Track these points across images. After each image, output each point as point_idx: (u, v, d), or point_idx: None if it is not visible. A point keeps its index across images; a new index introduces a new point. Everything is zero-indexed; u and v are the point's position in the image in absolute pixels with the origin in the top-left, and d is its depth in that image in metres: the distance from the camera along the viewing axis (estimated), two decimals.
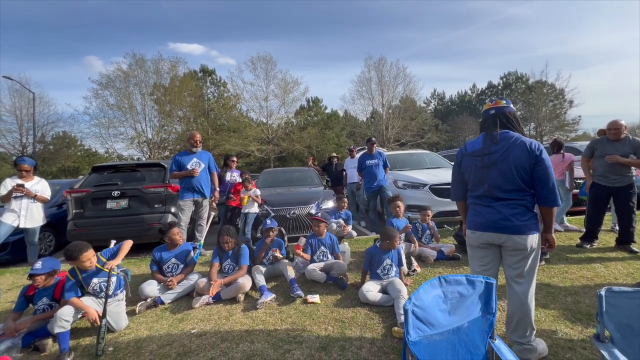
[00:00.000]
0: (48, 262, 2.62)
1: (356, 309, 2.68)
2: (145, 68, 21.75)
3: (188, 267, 3.26)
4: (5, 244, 4.63)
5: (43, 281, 2.57)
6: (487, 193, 1.85)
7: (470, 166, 1.93)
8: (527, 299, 1.83)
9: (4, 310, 3.01)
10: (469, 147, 1.97)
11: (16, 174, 4.27)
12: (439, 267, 3.51)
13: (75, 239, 4.57)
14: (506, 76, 37.16)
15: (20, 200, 4.12)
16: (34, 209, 4.24)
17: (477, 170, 1.88)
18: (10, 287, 3.59)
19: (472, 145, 1.96)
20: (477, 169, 1.89)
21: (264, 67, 24.71)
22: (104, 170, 5.08)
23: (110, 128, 20.84)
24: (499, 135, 1.85)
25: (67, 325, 2.27)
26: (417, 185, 5.43)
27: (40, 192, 4.28)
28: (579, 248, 3.87)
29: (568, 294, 2.74)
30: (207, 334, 2.41)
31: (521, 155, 1.76)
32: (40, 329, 2.45)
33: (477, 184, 1.89)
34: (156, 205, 4.76)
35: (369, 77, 27.00)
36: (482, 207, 1.89)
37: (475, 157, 1.91)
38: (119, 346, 2.33)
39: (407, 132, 26.08)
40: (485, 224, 1.86)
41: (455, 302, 1.26)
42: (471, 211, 1.98)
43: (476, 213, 1.93)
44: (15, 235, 4.54)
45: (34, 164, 4.38)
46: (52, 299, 2.60)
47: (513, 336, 1.89)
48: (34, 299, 2.59)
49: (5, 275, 4.05)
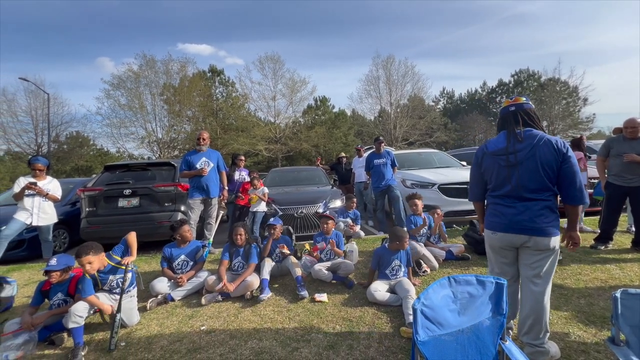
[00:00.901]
0: (63, 258, 2.69)
1: (364, 308, 2.67)
2: (155, 68, 22.13)
3: (197, 265, 3.31)
4: (21, 241, 4.78)
5: (58, 277, 2.64)
6: (511, 192, 1.81)
7: (493, 165, 1.88)
8: (543, 300, 1.80)
9: (21, 304, 3.11)
10: (490, 146, 1.92)
11: (30, 173, 4.39)
12: (447, 268, 3.48)
13: (89, 236, 4.74)
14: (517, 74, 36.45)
15: (32, 198, 4.23)
16: (46, 207, 4.35)
17: (501, 169, 1.84)
18: (27, 283, 3.70)
19: (494, 144, 1.90)
20: (500, 167, 1.84)
21: (272, 67, 24.85)
22: (116, 169, 5.18)
23: (122, 128, 21.29)
24: (523, 133, 1.81)
25: (80, 320, 2.33)
26: (426, 184, 5.38)
27: (52, 192, 4.39)
28: (593, 249, 3.78)
29: (581, 295, 2.68)
30: (216, 331, 2.44)
31: (548, 153, 1.72)
32: (55, 323, 2.52)
33: (501, 183, 1.85)
34: (166, 204, 4.83)
35: (377, 76, 26.87)
36: (504, 207, 1.85)
37: (498, 156, 1.85)
38: (131, 341, 2.38)
39: (416, 131, 25.86)
40: (507, 225, 1.82)
41: (465, 303, 1.25)
42: (491, 211, 1.94)
43: (497, 213, 1.88)
44: (31, 232, 4.68)
45: (47, 164, 4.50)
46: (67, 294, 2.66)
47: (525, 338, 1.86)
48: (50, 294, 2.66)
49: (22, 271, 4.17)
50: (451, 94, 44.13)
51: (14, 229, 4.14)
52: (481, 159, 1.99)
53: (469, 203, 5.13)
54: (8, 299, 2.95)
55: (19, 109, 21.69)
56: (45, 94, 20.07)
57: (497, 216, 1.88)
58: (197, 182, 4.36)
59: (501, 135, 1.91)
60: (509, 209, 1.82)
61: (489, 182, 1.95)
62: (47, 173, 4.52)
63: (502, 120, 1.95)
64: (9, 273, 3.97)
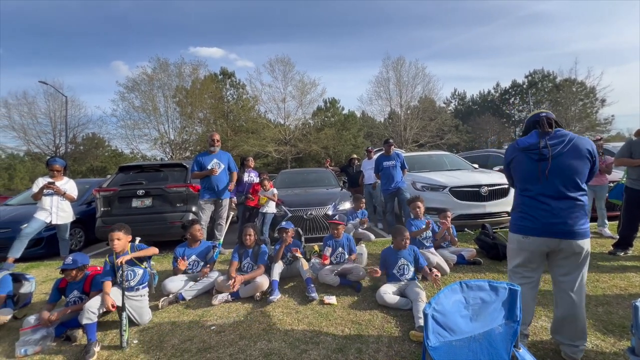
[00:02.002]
0: (78, 257, 2.76)
1: (373, 311, 2.65)
2: (168, 71, 22.62)
3: (208, 265, 3.36)
4: (39, 239, 4.93)
5: (74, 275, 2.72)
6: (544, 190, 1.77)
7: (524, 160, 1.84)
8: (581, 302, 1.81)
9: (39, 300, 3.20)
10: (521, 143, 1.88)
11: (48, 173, 4.54)
12: (459, 272, 3.42)
13: (104, 235, 4.86)
14: (531, 74, 35.69)
15: (51, 197, 4.38)
16: (64, 206, 4.50)
17: (533, 164, 1.79)
18: (44, 280, 3.81)
19: (525, 141, 1.86)
20: (532, 162, 1.80)
21: (282, 69, 25.04)
22: (130, 170, 5.31)
23: (135, 129, 21.84)
24: (554, 132, 1.81)
25: (93, 317, 2.39)
26: (437, 187, 5.31)
27: (69, 191, 4.53)
28: (611, 256, 3.66)
29: (599, 303, 2.59)
30: (226, 331, 2.46)
31: (581, 152, 1.74)
32: (71, 319, 2.59)
33: (533, 179, 1.80)
34: (178, 204, 4.92)
35: (387, 78, 26.75)
36: (536, 209, 1.79)
37: (530, 151, 1.81)
38: (143, 339, 2.42)
39: (426, 133, 25.58)
40: (541, 229, 1.77)
41: (477, 308, 1.22)
42: (521, 214, 1.87)
43: (529, 216, 1.82)
44: (48, 231, 4.83)
45: (65, 165, 4.66)
46: (82, 292, 2.74)
47: (560, 337, 1.87)
48: (66, 291, 2.74)
49: (40, 268, 4.31)
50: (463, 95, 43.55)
51: (34, 227, 4.29)
52: (512, 157, 1.94)
53: (481, 206, 5.07)
54: (27, 295, 3.04)
55: (39, 112, 22.53)
56: (64, 97, 20.76)
57: (528, 219, 1.81)
58: (208, 183, 4.42)
59: (532, 134, 1.88)
60: (542, 211, 1.76)
61: (518, 180, 1.90)
62: (64, 174, 4.67)
63: (531, 124, 1.93)
64: (28, 270, 4.11)
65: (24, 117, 21.91)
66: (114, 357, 2.22)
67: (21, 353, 2.28)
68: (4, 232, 4.95)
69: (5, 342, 2.49)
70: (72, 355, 2.28)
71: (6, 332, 2.64)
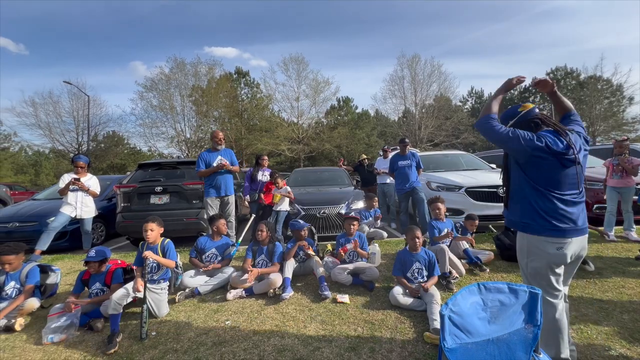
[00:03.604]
0: (101, 250, 2.88)
1: (386, 311, 2.64)
2: (185, 71, 23.10)
3: (224, 261, 3.43)
4: (64, 233, 5.15)
5: (96, 268, 2.84)
6: (572, 188, 1.67)
7: (555, 165, 1.66)
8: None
9: (64, 291, 3.35)
10: (554, 146, 1.63)
11: (73, 170, 4.74)
12: (475, 275, 3.35)
13: (123, 230, 5.02)
14: (553, 71, 34.27)
15: (76, 193, 4.58)
16: (87, 201, 4.69)
17: (569, 169, 1.66)
18: (68, 272, 3.98)
19: (556, 144, 1.63)
20: (564, 167, 1.65)
21: (296, 68, 25.13)
22: (149, 167, 5.45)
23: (153, 128, 22.47)
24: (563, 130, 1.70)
25: (119, 308, 2.49)
26: (452, 187, 5.21)
27: (92, 187, 4.73)
28: (638, 261, 3.50)
29: (625, 310, 2.49)
30: (240, 326, 2.51)
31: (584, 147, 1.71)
32: (94, 310, 2.70)
33: (570, 184, 1.66)
34: (194, 201, 5.02)
35: (401, 76, 26.40)
36: (568, 206, 1.64)
37: (562, 156, 1.62)
38: (161, 331, 2.50)
39: (441, 132, 25.11)
40: (580, 228, 1.64)
41: (495, 311, 1.19)
42: (551, 215, 1.63)
43: (562, 217, 1.62)
44: (72, 224, 5.03)
45: (88, 162, 4.86)
46: (104, 284, 2.85)
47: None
48: (89, 283, 2.86)
49: (64, 261, 4.51)
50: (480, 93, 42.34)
51: (61, 221, 4.49)
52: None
53: (498, 207, 4.93)
54: (53, 285, 3.19)
55: (63, 110, 23.44)
56: (86, 96, 21.56)
57: (563, 220, 1.61)
58: (213, 181, 4.48)
59: (548, 133, 1.68)
60: (573, 208, 1.63)
61: (541, 181, 1.66)
62: (87, 170, 4.86)
63: (537, 122, 1.80)
64: (53, 262, 4.30)
65: (49, 116, 22.89)
66: (133, 347, 2.30)
67: (48, 340, 2.40)
68: (31, 225, 5.20)
69: (33, 330, 2.62)
70: (94, 344, 2.38)
71: (34, 321, 2.78)
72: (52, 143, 23.75)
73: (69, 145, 23.84)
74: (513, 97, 38.37)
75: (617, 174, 4.35)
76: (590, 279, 3.08)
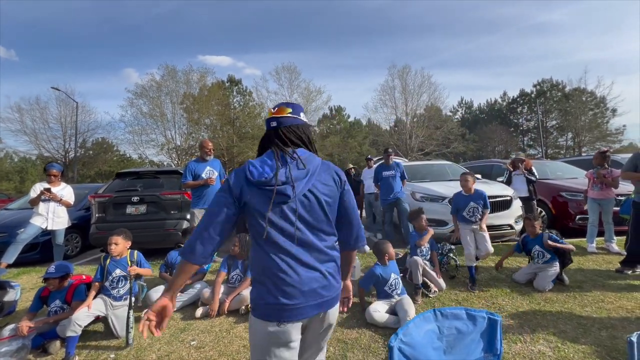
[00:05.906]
0: (61, 266, 2.72)
1: (361, 329, 2.53)
2: (176, 78, 23.01)
3: (197, 276, 3.28)
4: (35, 244, 4.93)
5: (56, 284, 2.67)
6: None
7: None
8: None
9: (24, 309, 3.15)
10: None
11: (46, 179, 4.55)
12: (455, 289, 3.26)
13: (97, 242, 4.82)
14: (540, 83, 35.25)
15: (47, 203, 4.38)
16: (60, 212, 4.49)
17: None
18: (33, 287, 3.78)
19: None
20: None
21: (288, 77, 25.34)
22: (127, 176, 5.30)
23: (143, 135, 22.17)
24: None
25: (79, 330, 2.34)
26: (436, 198, 5.17)
27: (66, 197, 4.53)
28: (618, 274, 3.47)
29: (603, 327, 2.43)
30: (206, 347, 2.37)
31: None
32: (50, 330, 2.52)
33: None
34: (172, 212, 4.87)
35: (392, 86, 26.80)
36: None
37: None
38: (120, 354, 2.34)
39: (432, 142, 25.40)
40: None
41: (452, 340, 1.11)
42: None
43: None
44: (45, 236, 4.82)
45: (62, 170, 4.67)
46: (64, 302, 2.67)
47: None
48: (48, 300, 2.68)
49: (31, 274, 4.29)
50: (470, 104, 43.20)
51: (30, 233, 4.28)
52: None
53: None
54: (11, 303, 3.00)
55: (50, 117, 23.07)
56: (75, 103, 21.23)
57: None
58: (201, 192, 4.35)
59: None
60: None
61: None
62: (61, 179, 4.68)
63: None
64: (19, 276, 4.09)
65: (35, 122, 22.47)
66: None
67: None
68: (1, 236, 4.97)
69: None
70: None
71: None
72: (38, 150, 23.28)
73: (55, 152, 23.36)
74: (502, 107, 39.18)
75: (597, 186, 4.37)
76: (570, 293, 3.03)
